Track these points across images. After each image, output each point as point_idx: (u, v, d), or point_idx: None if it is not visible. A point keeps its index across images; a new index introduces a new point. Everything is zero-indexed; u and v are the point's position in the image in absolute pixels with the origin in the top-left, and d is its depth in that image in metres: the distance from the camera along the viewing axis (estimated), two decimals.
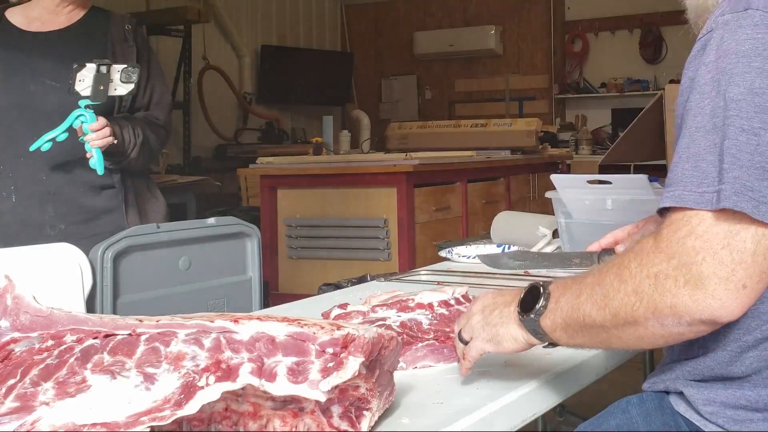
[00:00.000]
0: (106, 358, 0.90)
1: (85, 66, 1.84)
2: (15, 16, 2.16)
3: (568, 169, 5.71)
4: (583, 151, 7.24)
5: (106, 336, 0.93)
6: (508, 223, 2.40)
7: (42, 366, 0.90)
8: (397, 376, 1.04)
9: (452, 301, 1.33)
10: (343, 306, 1.37)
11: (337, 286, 1.94)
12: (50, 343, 0.93)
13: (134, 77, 1.90)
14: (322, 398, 0.84)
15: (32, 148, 1.86)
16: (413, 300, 1.33)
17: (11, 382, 0.88)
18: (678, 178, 0.90)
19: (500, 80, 7.96)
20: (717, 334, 0.95)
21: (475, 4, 8.09)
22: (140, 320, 0.94)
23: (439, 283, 1.88)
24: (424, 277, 2.00)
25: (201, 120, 6.57)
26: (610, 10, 7.56)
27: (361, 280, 1.94)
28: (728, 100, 0.89)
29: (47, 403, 0.84)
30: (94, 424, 0.80)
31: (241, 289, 2.18)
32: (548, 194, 2.05)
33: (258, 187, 4.32)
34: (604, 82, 7.66)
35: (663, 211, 0.91)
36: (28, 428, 0.81)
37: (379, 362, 0.95)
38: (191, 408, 0.81)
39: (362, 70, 8.39)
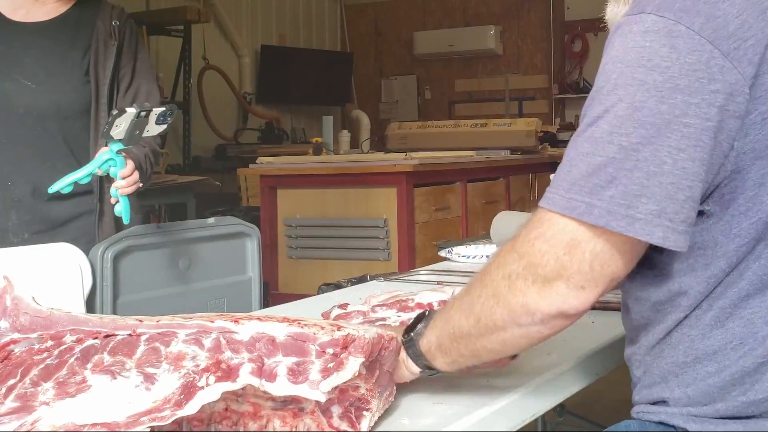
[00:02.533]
0: (107, 358, 0.90)
1: (125, 112, 1.71)
2: (1, 1, 2.01)
3: None
4: None
5: (106, 336, 0.93)
6: (507, 223, 2.40)
7: (42, 366, 0.90)
8: None
9: None
10: (343, 306, 1.37)
11: (337, 286, 1.94)
12: (50, 343, 0.93)
13: (170, 119, 1.77)
14: (322, 398, 0.84)
15: (51, 190, 1.72)
16: (413, 300, 1.33)
17: (11, 382, 0.88)
18: (556, 180, 0.90)
19: (500, 80, 7.96)
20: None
21: (475, 4, 8.09)
22: (140, 320, 0.94)
23: (439, 283, 1.88)
24: (424, 277, 2.00)
25: (201, 120, 6.57)
26: None
27: (361, 280, 1.94)
28: (608, 112, 0.87)
29: (47, 403, 0.84)
30: (94, 424, 0.80)
31: (241, 289, 2.18)
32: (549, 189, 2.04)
33: (258, 187, 4.32)
34: None
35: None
36: (28, 428, 0.81)
37: (379, 363, 0.95)
38: (191, 408, 0.81)
39: (362, 70, 8.39)
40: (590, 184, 0.87)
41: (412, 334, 1.02)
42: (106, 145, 1.77)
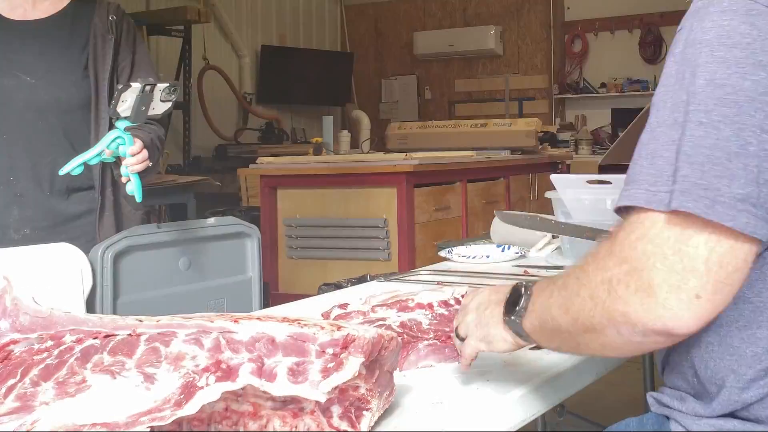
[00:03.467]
0: (106, 358, 0.90)
1: (130, 86, 1.73)
2: None
3: (567, 169, 5.71)
4: (582, 151, 7.24)
5: (106, 336, 0.93)
6: (508, 224, 2.40)
7: (42, 366, 0.90)
8: (397, 376, 1.04)
9: (452, 301, 1.33)
10: (343, 306, 1.37)
11: (337, 286, 1.94)
12: (50, 343, 0.93)
13: (173, 96, 1.79)
14: (322, 398, 0.84)
15: (62, 172, 1.74)
16: (413, 300, 1.33)
17: (11, 382, 0.88)
18: (635, 176, 0.85)
19: (500, 80, 7.96)
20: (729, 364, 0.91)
21: (475, 4, 8.09)
22: (140, 320, 0.94)
23: (438, 283, 1.88)
24: (424, 277, 2.00)
25: (201, 120, 6.57)
26: (609, 10, 7.56)
27: (361, 280, 1.94)
28: (689, 93, 0.83)
29: (47, 403, 0.84)
30: (94, 424, 0.80)
31: (241, 289, 2.18)
32: (548, 194, 2.05)
33: (258, 187, 4.32)
34: (603, 82, 7.66)
35: (621, 211, 0.86)
36: (28, 428, 0.81)
37: (379, 363, 0.95)
38: (191, 408, 0.81)
39: (362, 70, 8.39)
40: (673, 170, 0.81)
41: (513, 316, 0.98)
42: (113, 127, 1.78)
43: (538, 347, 1.02)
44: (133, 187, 1.78)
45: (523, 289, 0.99)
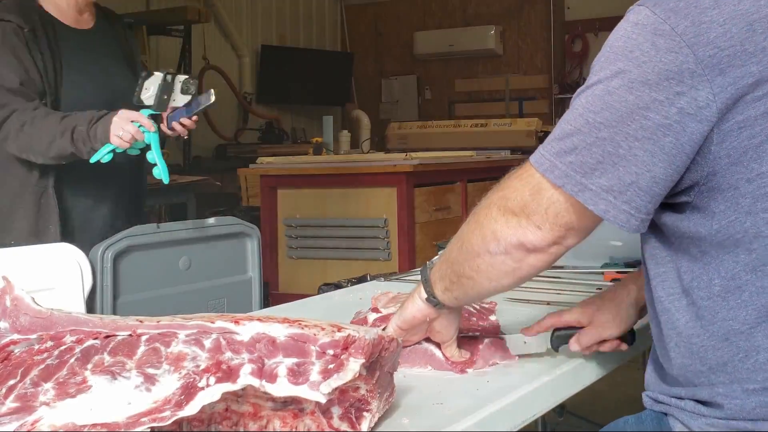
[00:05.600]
0: (107, 358, 0.90)
1: (152, 74, 1.87)
2: (48, 5, 2.17)
3: None
4: None
5: (107, 337, 0.93)
6: None
7: (42, 366, 0.90)
8: (397, 376, 1.04)
9: None
10: (376, 310, 1.36)
11: (337, 286, 1.94)
12: (50, 344, 0.93)
13: (192, 89, 1.91)
14: (323, 399, 0.84)
15: (93, 159, 1.85)
16: None
17: (11, 382, 0.88)
18: (547, 139, 1.00)
19: (500, 80, 7.96)
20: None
21: (475, 4, 8.09)
22: (140, 321, 0.94)
23: None
24: None
25: (201, 120, 6.52)
26: (610, 10, 7.53)
27: (361, 280, 1.94)
28: (589, 89, 0.95)
29: (47, 404, 0.84)
30: (94, 425, 0.80)
31: (241, 289, 2.18)
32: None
33: (258, 187, 4.32)
34: None
35: None
36: (28, 428, 0.81)
37: (379, 364, 0.95)
38: (191, 409, 0.81)
39: (362, 70, 8.39)
40: (558, 147, 0.96)
41: (428, 262, 1.14)
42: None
43: (434, 301, 1.11)
44: (160, 171, 1.90)
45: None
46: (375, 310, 1.35)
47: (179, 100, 1.92)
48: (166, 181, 1.95)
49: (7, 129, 2.01)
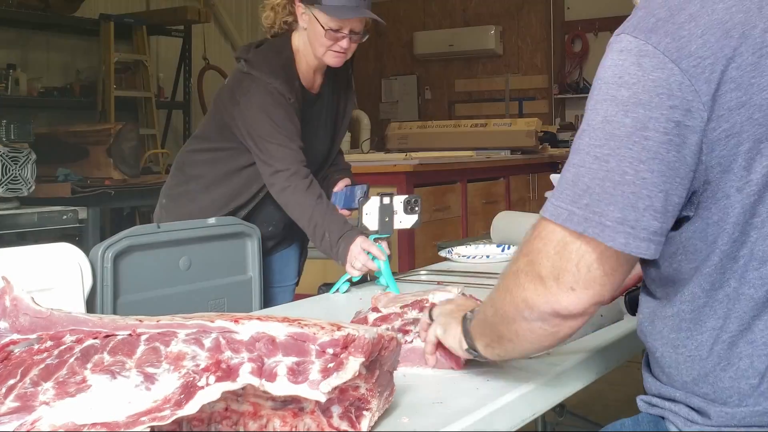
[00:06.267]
0: (106, 358, 0.90)
1: (369, 199, 1.92)
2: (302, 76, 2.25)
3: None
4: None
5: (106, 336, 0.93)
6: (508, 223, 2.40)
7: (42, 366, 0.90)
8: (397, 376, 1.04)
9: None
10: (376, 310, 1.36)
11: None
12: (50, 343, 0.93)
13: (417, 207, 1.92)
14: (322, 398, 0.84)
15: (332, 291, 1.90)
16: (427, 300, 1.33)
17: (11, 382, 0.88)
18: (555, 189, 0.98)
19: (500, 80, 7.96)
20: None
21: (475, 4, 8.09)
22: (140, 320, 0.94)
23: (439, 282, 1.88)
24: (424, 277, 2.01)
25: (201, 120, 6.55)
26: (609, 10, 7.55)
27: (361, 280, 1.94)
28: (589, 126, 0.94)
29: (47, 403, 0.84)
30: (94, 424, 0.80)
31: (241, 289, 2.18)
32: (548, 194, 2.05)
33: None
34: None
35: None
36: (28, 428, 0.81)
37: (379, 363, 0.95)
38: (191, 408, 0.81)
39: (362, 70, 8.38)
40: (571, 192, 0.94)
41: (468, 315, 1.12)
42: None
43: (477, 354, 1.10)
44: (386, 280, 1.88)
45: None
46: (375, 309, 1.35)
47: (405, 222, 1.92)
48: (396, 291, 1.88)
49: (273, 180, 2.10)
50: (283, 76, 2.13)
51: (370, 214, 1.91)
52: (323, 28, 2.10)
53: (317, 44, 2.13)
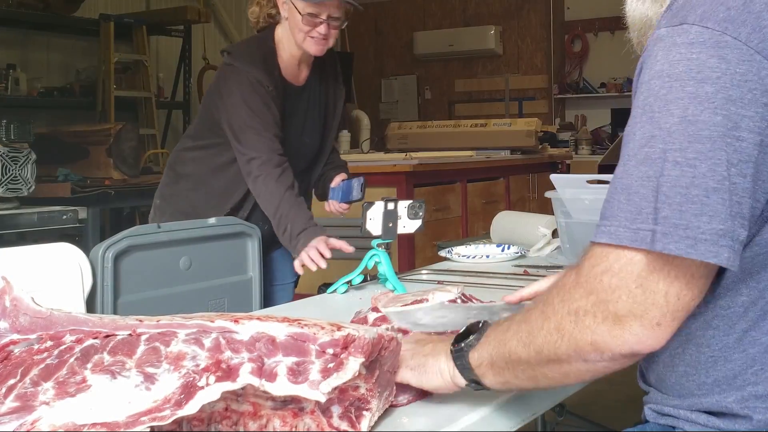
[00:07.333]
0: (106, 357, 0.90)
1: (374, 204, 1.90)
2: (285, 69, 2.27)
3: (567, 169, 5.71)
4: (582, 151, 7.24)
5: (106, 336, 0.93)
6: (507, 223, 2.40)
7: (42, 366, 0.90)
8: None
9: (459, 301, 1.33)
10: (376, 310, 1.36)
11: None
12: (49, 343, 0.93)
13: (421, 213, 1.91)
14: (322, 399, 0.84)
15: (329, 291, 1.88)
16: (427, 300, 1.33)
17: (11, 381, 0.88)
18: (612, 211, 0.86)
19: (500, 80, 7.96)
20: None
21: (475, 4, 8.09)
22: (140, 320, 0.94)
23: (439, 282, 1.88)
24: (424, 277, 2.00)
25: None
26: (609, 10, 7.54)
27: (363, 281, 1.94)
28: (661, 129, 0.83)
29: (47, 403, 0.84)
30: (94, 424, 0.80)
31: (241, 289, 2.18)
32: (548, 194, 2.05)
33: None
34: (603, 82, 7.66)
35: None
36: (28, 428, 0.81)
37: (379, 363, 0.95)
38: (191, 408, 0.81)
39: (362, 70, 8.38)
40: (646, 208, 0.82)
41: (462, 344, 0.99)
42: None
43: (477, 385, 1.00)
44: (392, 284, 1.85)
45: (481, 324, 1.01)
46: (375, 309, 1.35)
47: (409, 226, 1.91)
48: (403, 290, 1.87)
49: (248, 169, 2.14)
50: (262, 66, 2.16)
51: (374, 219, 1.91)
52: (300, 13, 2.13)
53: (297, 31, 2.17)
